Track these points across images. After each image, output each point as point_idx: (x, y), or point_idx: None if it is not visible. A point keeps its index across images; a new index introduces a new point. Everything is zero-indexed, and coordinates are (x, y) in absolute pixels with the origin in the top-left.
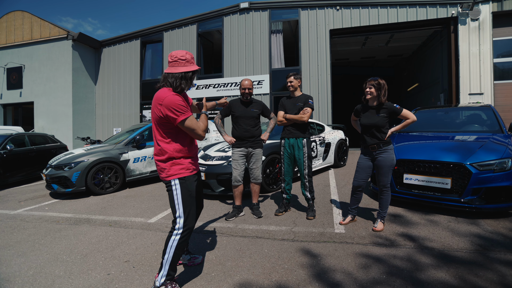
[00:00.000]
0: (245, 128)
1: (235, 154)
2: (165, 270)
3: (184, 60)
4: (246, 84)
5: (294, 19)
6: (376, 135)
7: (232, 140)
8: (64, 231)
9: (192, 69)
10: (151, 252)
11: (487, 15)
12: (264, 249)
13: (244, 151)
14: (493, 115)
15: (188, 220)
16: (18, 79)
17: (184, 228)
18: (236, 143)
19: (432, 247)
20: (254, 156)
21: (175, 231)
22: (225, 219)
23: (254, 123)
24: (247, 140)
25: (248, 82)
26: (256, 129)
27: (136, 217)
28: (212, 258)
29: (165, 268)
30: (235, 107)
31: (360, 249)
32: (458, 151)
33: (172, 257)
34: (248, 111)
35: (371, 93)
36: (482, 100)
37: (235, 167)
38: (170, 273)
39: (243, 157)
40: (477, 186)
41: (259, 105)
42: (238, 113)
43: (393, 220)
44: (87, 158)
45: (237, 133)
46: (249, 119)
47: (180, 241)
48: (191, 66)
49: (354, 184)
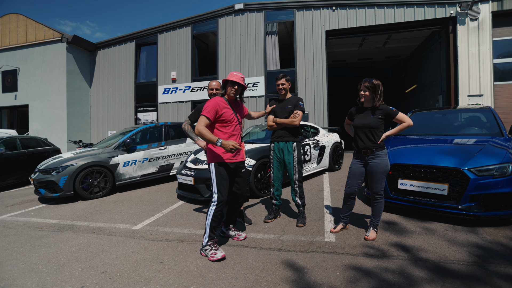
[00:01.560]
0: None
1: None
2: (207, 232)
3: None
4: (214, 85)
5: (290, 20)
6: (369, 137)
7: (205, 146)
8: (46, 239)
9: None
10: (131, 262)
11: (486, 14)
12: (249, 260)
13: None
14: (492, 117)
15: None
16: (13, 82)
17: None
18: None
19: (426, 259)
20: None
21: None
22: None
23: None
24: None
25: (216, 83)
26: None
27: (122, 223)
28: (194, 269)
29: (207, 230)
30: None
31: (350, 261)
32: (456, 155)
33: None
34: None
35: (365, 96)
36: (481, 101)
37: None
38: (211, 235)
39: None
40: (476, 192)
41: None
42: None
43: (386, 228)
44: (75, 162)
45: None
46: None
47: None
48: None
49: (346, 191)
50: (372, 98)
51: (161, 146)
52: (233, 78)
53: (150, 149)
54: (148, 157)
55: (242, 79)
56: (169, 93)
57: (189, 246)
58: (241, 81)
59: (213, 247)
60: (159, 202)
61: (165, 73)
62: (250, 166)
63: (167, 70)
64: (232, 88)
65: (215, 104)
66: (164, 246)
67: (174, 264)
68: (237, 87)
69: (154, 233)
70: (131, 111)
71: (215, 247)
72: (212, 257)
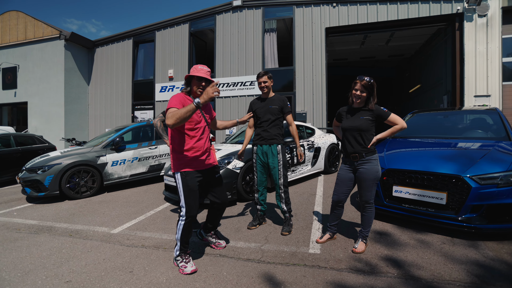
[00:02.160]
0: None
1: None
2: (177, 245)
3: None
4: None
5: (289, 17)
6: (358, 141)
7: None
8: (20, 241)
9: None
10: (99, 270)
11: (496, 10)
12: (223, 272)
13: None
14: (499, 119)
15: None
16: (13, 79)
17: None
18: None
19: (419, 277)
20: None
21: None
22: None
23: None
24: None
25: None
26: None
27: (101, 226)
28: (162, 281)
29: (177, 244)
30: None
31: (333, 277)
32: (456, 161)
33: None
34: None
35: (361, 97)
36: (489, 102)
37: None
38: (182, 248)
39: None
40: (477, 202)
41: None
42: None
43: (378, 239)
44: (61, 161)
45: None
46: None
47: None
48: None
49: (333, 199)
50: (367, 99)
51: (152, 145)
52: (198, 73)
53: (140, 148)
54: (138, 157)
55: (208, 73)
56: (166, 91)
57: (164, 253)
58: (207, 75)
59: (184, 259)
60: (145, 203)
61: (162, 71)
62: (237, 168)
63: (164, 68)
64: (200, 85)
65: (181, 99)
66: (138, 253)
67: (144, 275)
68: (204, 83)
69: (132, 238)
70: (128, 109)
71: (186, 259)
72: (182, 270)
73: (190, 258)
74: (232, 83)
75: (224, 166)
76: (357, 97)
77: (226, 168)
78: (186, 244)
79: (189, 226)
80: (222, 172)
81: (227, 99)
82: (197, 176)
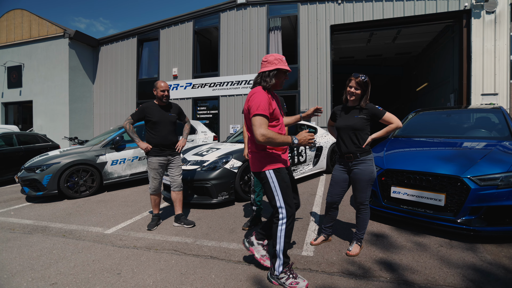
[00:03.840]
0: (165, 135)
1: (153, 163)
2: (280, 259)
3: (265, 62)
4: (164, 86)
5: (293, 14)
6: (353, 141)
7: (148, 147)
8: (12, 242)
9: (269, 69)
10: (86, 272)
11: (504, 7)
12: (211, 274)
13: (164, 160)
14: (503, 118)
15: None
16: (18, 78)
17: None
18: (154, 151)
19: (412, 282)
20: (175, 163)
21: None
22: (147, 228)
23: (173, 129)
24: (167, 148)
25: (165, 84)
26: (175, 136)
27: (96, 226)
28: (149, 283)
29: (280, 257)
30: (152, 112)
31: (323, 281)
32: (456, 161)
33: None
34: (167, 116)
35: (356, 94)
36: (496, 101)
37: (154, 176)
38: (285, 261)
39: (163, 166)
40: (477, 204)
41: (176, 108)
42: (156, 118)
43: (374, 242)
44: (60, 160)
45: (156, 141)
46: (169, 124)
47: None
48: (271, 66)
49: (327, 200)
50: (361, 97)
51: None
52: (286, 65)
53: None
54: (138, 156)
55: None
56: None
57: (155, 255)
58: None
59: (292, 274)
60: (143, 203)
61: (166, 69)
62: (235, 167)
63: (169, 67)
64: (285, 78)
65: (268, 100)
66: (129, 254)
67: (131, 277)
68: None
69: (124, 239)
70: (133, 108)
71: (293, 274)
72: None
73: (295, 272)
74: (237, 82)
75: (222, 165)
76: (351, 94)
77: (223, 168)
78: (287, 254)
79: (292, 227)
80: (219, 172)
81: (231, 98)
82: (287, 173)
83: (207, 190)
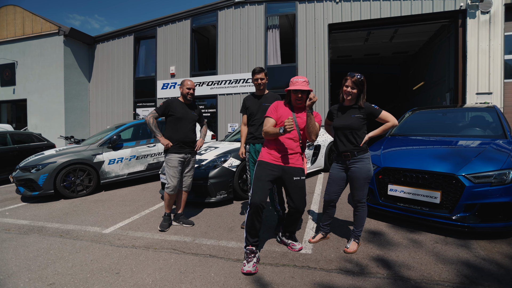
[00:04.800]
0: (186, 132)
1: (173, 161)
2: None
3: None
4: (191, 84)
5: (291, 13)
6: (350, 140)
7: (169, 144)
8: (8, 242)
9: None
10: (85, 272)
11: (499, 7)
12: (211, 273)
13: (183, 157)
14: (496, 117)
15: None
16: (11, 76)
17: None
18: (174, 148)
19: (408, 277)
20: (191, 163)
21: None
22: (160, 229)
23: (194, 128)
24: (187, 145)
25: (191, 82)
26: (195, 134)
27: (94, 225)
28: (148, 283)
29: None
30: (176, 108)
31: (322, 277)
32: (450, 159)
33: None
34: (190, 114)
35: (352, 94)
36: (490, 100)
37: (174, 175)
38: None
39: (182, 163)
40: (471, 201)
41: (198, 109)
42: (180, 114)
43: (371, 239)
44: (56, 160)
45: (178, 137)
46: (191, 122)
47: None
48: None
49: (325, 199)
50: (358, 96)
51: (150, 143)
52: (293, 86)
53: (138, 146)
54: (135, 155)
55: (305, 84)
56: (168, 88)
57: (154, 254)
58: (304, 86)
59: (247, 258)
60: (141, 202)
61: (164, 67)
62: (234, 166)
63: (166, 65)
64: (296, 96)
65: (277, 106)
66: (127, 254)
67: (130, 276)
68: (300, 94)
69: (123, 238)
70: (130, 106)
71: (248, 258)
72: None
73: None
74: (234, 80)
75: (220, 164)
76: (348, 94)
77: (222, 167)
78: (248, 236)
79: (251, 216)
80: (218, 171)
81: (229, 96)
82: (269, 168)
83: (206, 189)
